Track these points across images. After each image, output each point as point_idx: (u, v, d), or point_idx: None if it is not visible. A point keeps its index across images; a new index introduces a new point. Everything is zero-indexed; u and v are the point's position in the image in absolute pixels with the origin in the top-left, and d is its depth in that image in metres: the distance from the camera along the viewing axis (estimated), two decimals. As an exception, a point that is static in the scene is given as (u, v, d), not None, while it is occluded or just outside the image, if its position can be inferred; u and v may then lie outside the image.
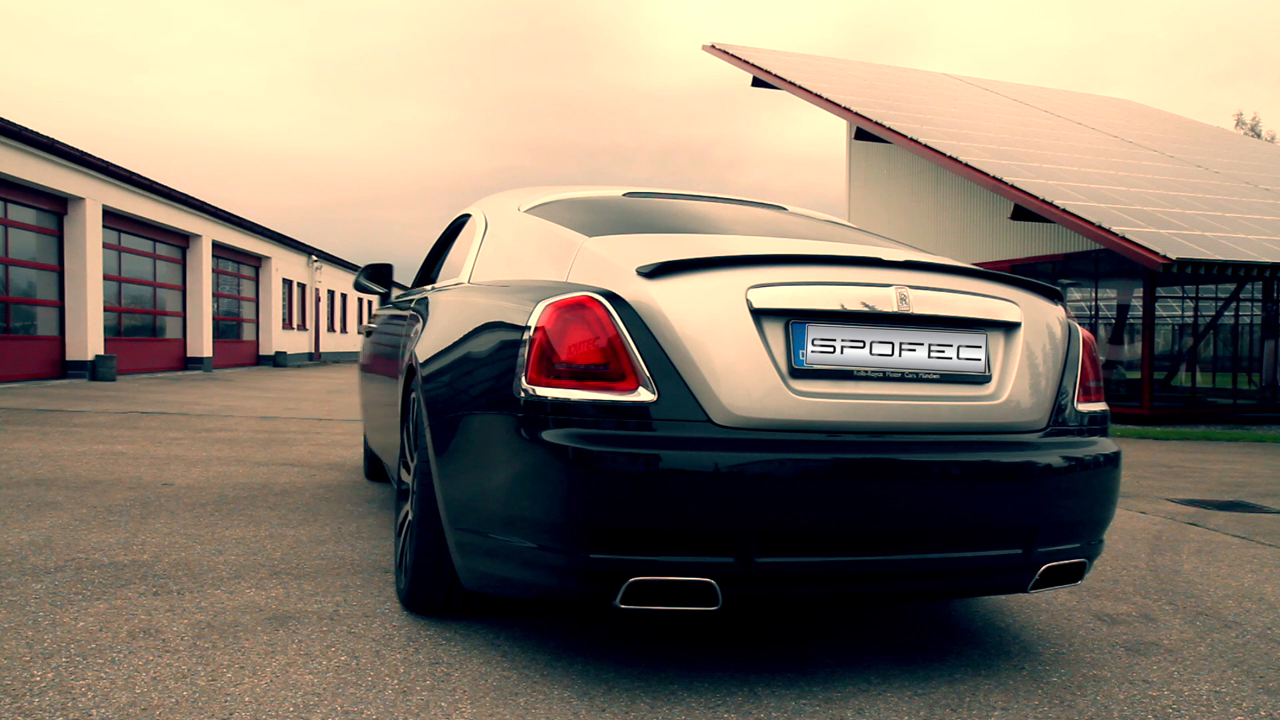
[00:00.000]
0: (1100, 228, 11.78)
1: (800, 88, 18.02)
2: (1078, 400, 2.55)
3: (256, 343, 25.90)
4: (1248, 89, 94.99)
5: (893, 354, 2.30)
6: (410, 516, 2.85)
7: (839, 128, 20.53)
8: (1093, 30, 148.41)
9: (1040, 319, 2.53)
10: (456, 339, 2.68)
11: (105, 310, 16.40)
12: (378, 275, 4.68)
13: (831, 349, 2.25)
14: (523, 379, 2.18)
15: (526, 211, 3.15)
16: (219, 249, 22.24)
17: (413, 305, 3.64)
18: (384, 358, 4.04)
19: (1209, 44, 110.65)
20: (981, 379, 2.39)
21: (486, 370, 2.38)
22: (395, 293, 4.73)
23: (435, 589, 2.72)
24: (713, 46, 21.17)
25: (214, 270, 21.98)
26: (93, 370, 15.32)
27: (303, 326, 30.48)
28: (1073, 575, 2.47)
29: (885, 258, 2.43)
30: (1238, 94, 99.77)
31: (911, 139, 15.12)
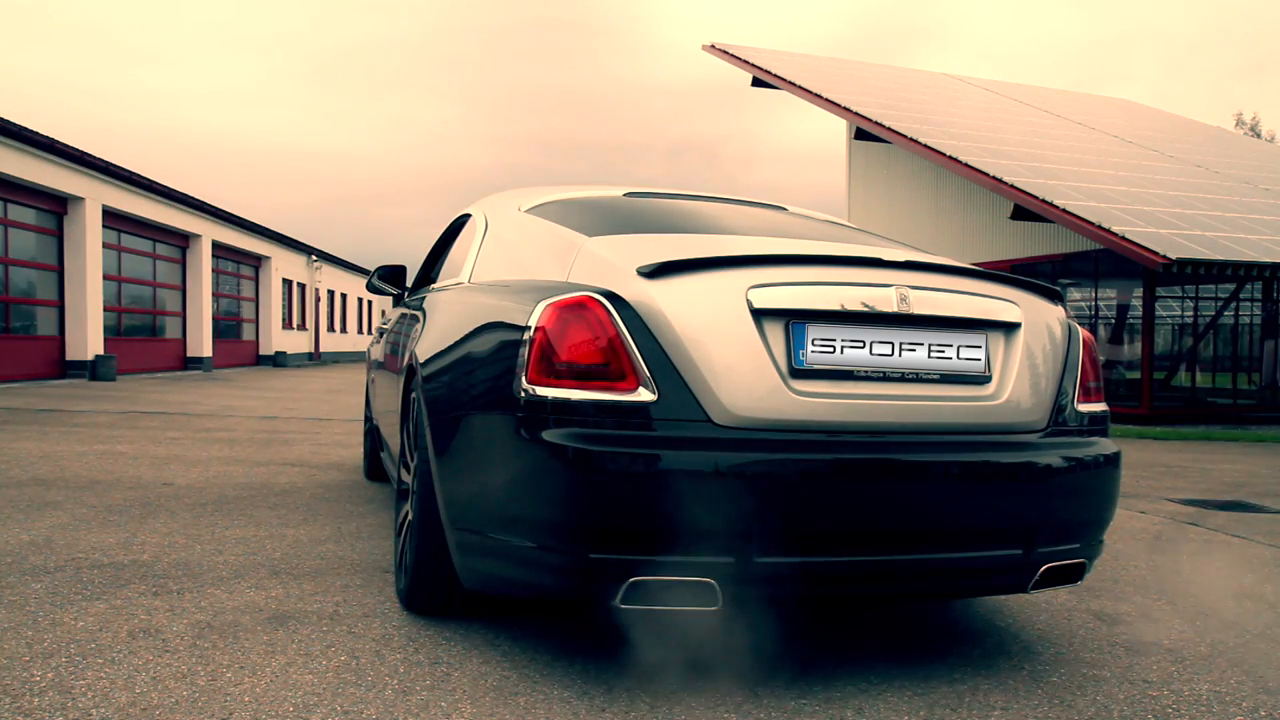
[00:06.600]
0: (1100, 227, 11.78)
1: (800, 87, 18.02)
2: (1078, 400, 2.55)
3: (256, 343, 25.90)
4: (1271, 83, 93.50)
5: (893, 354, 2.30)
6: (410, 516, 2.85)
7: (840, 127, 20.54)
8: (1110, 23, 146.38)
9: (1040, 319, 2.53)
10: (456, 339, 2.68)
11: (105, 310, 16.39)
12: (390, 277, 4.67)
13: (831, 349, 2.25)
14: (523, 379, 2.18)
15: (527, 211, 3.15)
16: (219, 249, 22.24)
17: (412, 305, 3.64)
18: (394, 357, 4.05)
19: (1231, 38, 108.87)
20: (981, 379, 2.39)
21: (487, 370, 2.38)
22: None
23: (435, 589, 2.72)
24: (712, 46, 21.15)
25: (214, 270, 21.98)
26: (93, 370, 15.32)
27: (302, 326, 30.48)
28: (1073, 575, 2.47)
29: (885, 258, 2.43)
30: (1258, 89, 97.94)
31: (911, 139, 15.12)
